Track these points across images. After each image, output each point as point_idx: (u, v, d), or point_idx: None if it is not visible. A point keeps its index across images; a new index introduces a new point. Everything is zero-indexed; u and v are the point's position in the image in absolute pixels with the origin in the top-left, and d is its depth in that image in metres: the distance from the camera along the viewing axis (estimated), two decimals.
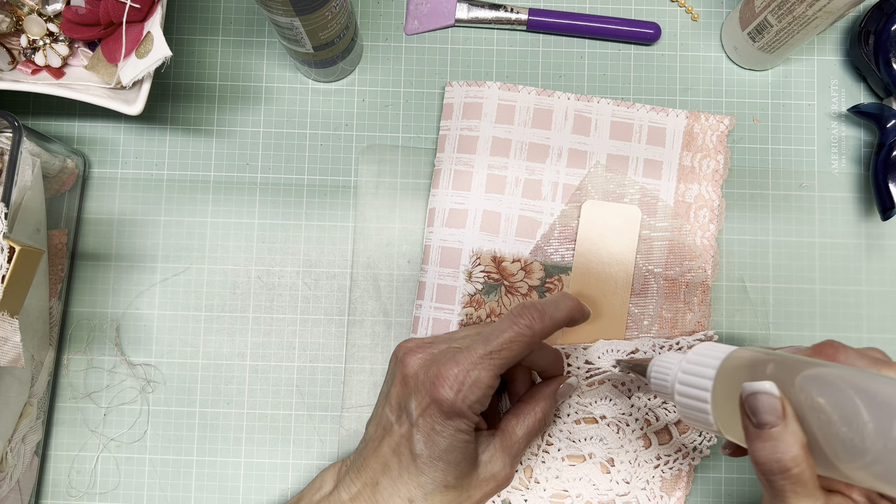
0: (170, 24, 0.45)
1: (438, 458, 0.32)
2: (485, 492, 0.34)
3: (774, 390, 0.25)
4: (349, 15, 0.39)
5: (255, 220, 0.43)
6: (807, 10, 0.36)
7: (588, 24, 0.43)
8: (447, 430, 0.32)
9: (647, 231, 0.41)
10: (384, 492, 0.33)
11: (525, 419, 0.35)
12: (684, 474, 0.40)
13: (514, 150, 0.42)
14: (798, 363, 0.25)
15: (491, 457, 0.34)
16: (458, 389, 0.31)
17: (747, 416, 0.26)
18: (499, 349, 0.31)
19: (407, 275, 0.43)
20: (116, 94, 0.39)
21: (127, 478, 0.42)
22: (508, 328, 0.32)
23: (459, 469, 0.32)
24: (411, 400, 0.33)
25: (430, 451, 0.32)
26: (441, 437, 0.32)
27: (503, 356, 0.31)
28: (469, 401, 0.31)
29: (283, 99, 0.44)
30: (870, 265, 0.43)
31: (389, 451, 0.33)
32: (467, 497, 0.33)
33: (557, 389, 0.37)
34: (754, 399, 0.25)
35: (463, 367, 0.31)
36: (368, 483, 0.33)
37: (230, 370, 0.43)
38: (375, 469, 0.33)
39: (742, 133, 0.44)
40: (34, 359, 0.39)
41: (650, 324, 0.41)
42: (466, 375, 0.31)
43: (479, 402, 0.32)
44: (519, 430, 0.35)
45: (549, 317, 0.33)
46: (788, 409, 0.25)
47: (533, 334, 0.32)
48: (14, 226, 0.36)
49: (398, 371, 0.34)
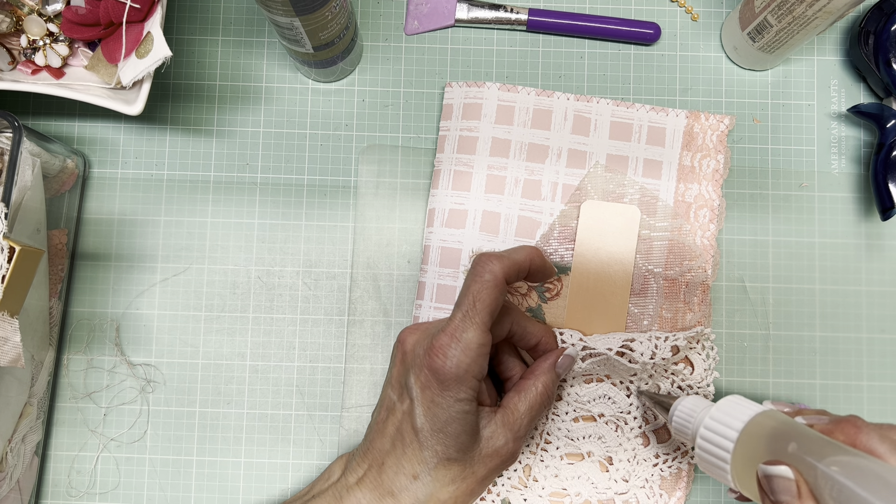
0: (170, 24, 0.45)
1: (439, 431, 0.32)
2: (489, 467, 0.34)
3: (790, 474, 0.26)
4: (349, 15, 0.39)
5: (255, 220, 0.43)
6: (807, 10, 0.36)
7: (588, 24, 0.43)
8: (446, 400, 0.32)
9: (646, 231, 0.41)
10: (389, 471, 0.33)
11: (527, 394, 0.35)
12: (684, 474, 0.40)
13: (513, 151, 0.42)
14: (821, 446, 0.26)
15: (493, 432, 0.34)
16: (452, 355, 0.31)
17: (764, 491, 0.27)
18: (472, 304, 0.32)
19: (407, 275, 0.43)
20: (116, 94, 0.39)
21: (127, 478, 0.42)
22: (473, 282, 0.33)
23: (460, 441, 0.33)
24: (410, 375, 0.33)
25: (431, 423, 0.32)
26: (441, 409, 0.32)
27: (479, 308, 0.32)
28: (464, 364, 0.31)
29: (283, 99, 0.44)
30: (870, 265, 0.43)
31: (394, 429, 0.34)
32: (471, 472, 0.33)
33: (557, 362, 0.37)
34: (772, 480, 0.26)
35: (449, 334, 0.32)
36: (374, 464, 0.34)
37: (230, 370, 0.43)
38: (381, 450, 0.34)
39: (742, 133, 0.44)
40: (34, 359, 0.39)
41: (650, 323, 0.41)
42: (455, 340, 0.32)
43: (475, 363, 0.32)
44: (521, 405, 0.35)
45: (507, 258, 0.33)
46: (804, 488, 0.25)
47: (495, 277, 0.32)
48: (14, 226, 0.36)
49: (398, 350, 0.35)
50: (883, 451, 0.26)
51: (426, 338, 0.34)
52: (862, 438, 0.27)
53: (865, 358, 0.42)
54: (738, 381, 0.42)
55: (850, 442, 0.27)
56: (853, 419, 0.28)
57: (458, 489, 0.33)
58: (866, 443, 0.27)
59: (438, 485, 0.33)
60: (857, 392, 0.42)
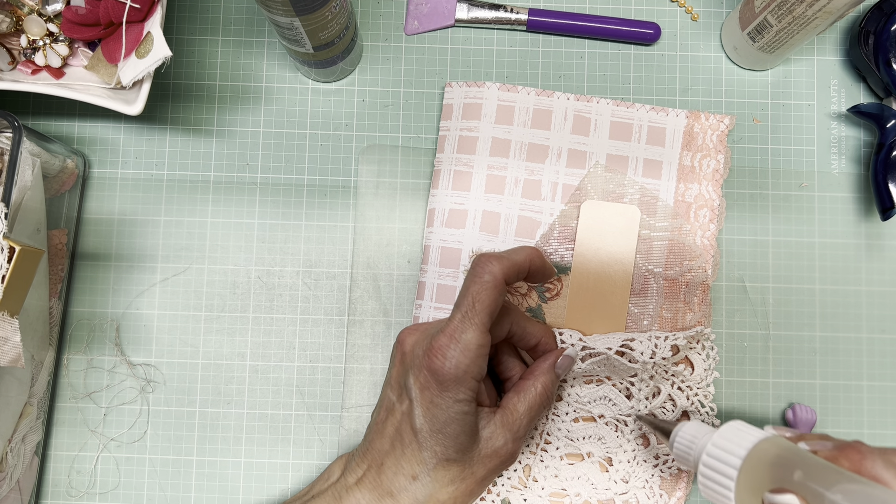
0: (170, 24, 0.45)
1: (438, 431, 0.32)
2: (488, 468, 0.34)
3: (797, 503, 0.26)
4: (349, 15, 0.39)
5: (255, 220, 0.43)
6: (807, 10, 0.36)
7: (588, 24, 0.43)
8: (445, 401, 0.32)
9: (646, 231, 0.41)
10: (388, 471, 0.33)
11: (526, 395, 0.35)
12: (684, 474, 0.40)
13: (513, 151, 0.42)
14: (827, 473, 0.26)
15: (492, 433, 0.34)
16: (451, 356, 0.31)
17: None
18: (472, 305, 0.32)
19: (407, 275, 0.43)
20: (116, 94, 0.39)
21: (127, 478, 0.42)
22: (472, 283, 0.32)
23: (459, 442, 0.32)
24: (409, 376, 0.33)
25: (430, 424, 0.32)
26: (440, 410, 0.32)
27: (478, 309, 0.32)
28: (463, 364, 0.31)
29: (283, 99, 0.44)
30: (870, 265, 0.43)
31: (393, 430, 0.34)
32: (470, 473, 0.33)
33: (556, 362, 0.37)
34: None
35: (448, 335, 0.32)
36: (373, 465, 0.34)
37: (230, 370, 0.43)
38: (380, 450, 0.34)
39: (742, 133, 0.44)
40: (34, 359, 0.39)
41: (650, 323, 0.41)
42: (455, 341, 0.32)
43: (474, 364, 0.32)
44: (520, 406, 0.35)
45: (506, 259, 0.33)
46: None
47: (495, 278, 0.32)
48: (14, 226, 0.36)
49: (396, 351, 0.35)
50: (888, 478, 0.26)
51: (425, 338, 0.34)
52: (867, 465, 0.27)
53: (865, 358, 0.42)
54: (738, 381, 0.42)
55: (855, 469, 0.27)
56: (857, 445, 0.28)
57: (458, 489, 0.33)
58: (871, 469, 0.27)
59: (437, 485, 0.33)
60: (857, 392, 0.42)
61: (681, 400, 0.40)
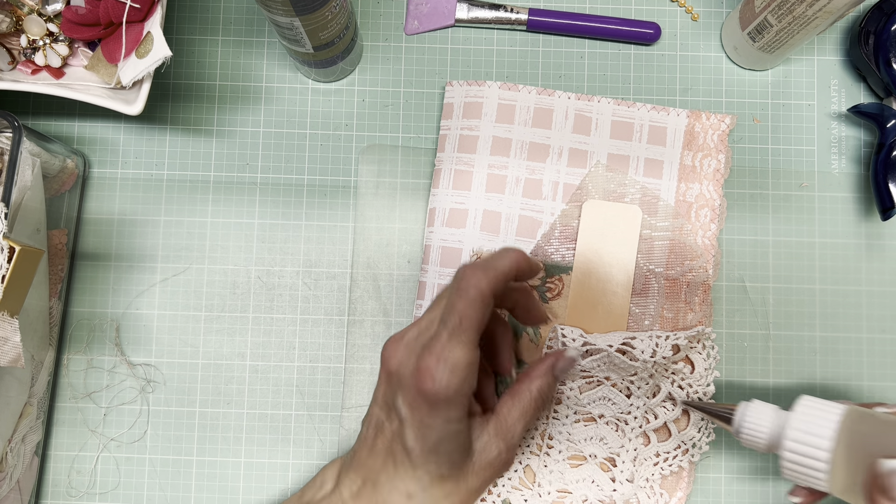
0: (170, 24, 0.45)
1: (431, 451, 0.32)
2: (482, 479, 0.34)
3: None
4: (349, 15, 0.39)
5: (255, 220, 0.43)
6: (807, 10, 0.36)
7: (588, 24, 0.43)
8: (436, 421, 0.31)
9: (647, 231, 0.41)
10: (383, 489, 0.33)
11: (520, 399, 0.34)
12: (685, 473, 0.40)
13: (514, 150, 0.42)
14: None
15: (485, 444, 0.33)
16: (439, 378, 0.30)
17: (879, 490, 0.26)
18: (458, 322, 0.30)
19: (407, 275, 0.43)
20: (116, 94, 0.39)
21: (127, 478, 0.42)
22: (458, 298, 0.31)
23: (452, 459, 0.32)
24: (397, 397, 0.32)
25: (421, 445, 0.32)
26: (431, 430, 0.31)
27: (465, 327, 0.30)
28: (454, 385, 0.30)
29: (283, 99, 0.44)
30: (870, 265, 0.43)
31: (384, 448, 0.33)
32: (465, 487, 0.33)
33: (555, 364, 0.36)
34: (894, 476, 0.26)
35: (436, 354, 0.30)
36: (369, 481, 0.33)
37: (230, 370, 0.42)
38: (374, 467, 0.33)
39: (742, 133, 0.44)
40: (34, 359, 0.39)
41: (651, 323, 0.40)
42: (443, 361, 0.30)
43: (465, 382, 0.31)
44: (514, 411, 0.34)
45: (492, 269, 0.31)
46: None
47: (482, 294, 0.31)
48: (14, 226, 0.36)
49: (382, 370, 0.34)
50: None
51: (410, 356, 0.32)
52: None
53: (865, 358, 0.42)
54: (738, 381, 0.42)
55: None
56: None
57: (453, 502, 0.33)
58: None
59: (433, 502, 0.33)
60: (857, 392, 0.42)
61: (681, 398, 0.40)
